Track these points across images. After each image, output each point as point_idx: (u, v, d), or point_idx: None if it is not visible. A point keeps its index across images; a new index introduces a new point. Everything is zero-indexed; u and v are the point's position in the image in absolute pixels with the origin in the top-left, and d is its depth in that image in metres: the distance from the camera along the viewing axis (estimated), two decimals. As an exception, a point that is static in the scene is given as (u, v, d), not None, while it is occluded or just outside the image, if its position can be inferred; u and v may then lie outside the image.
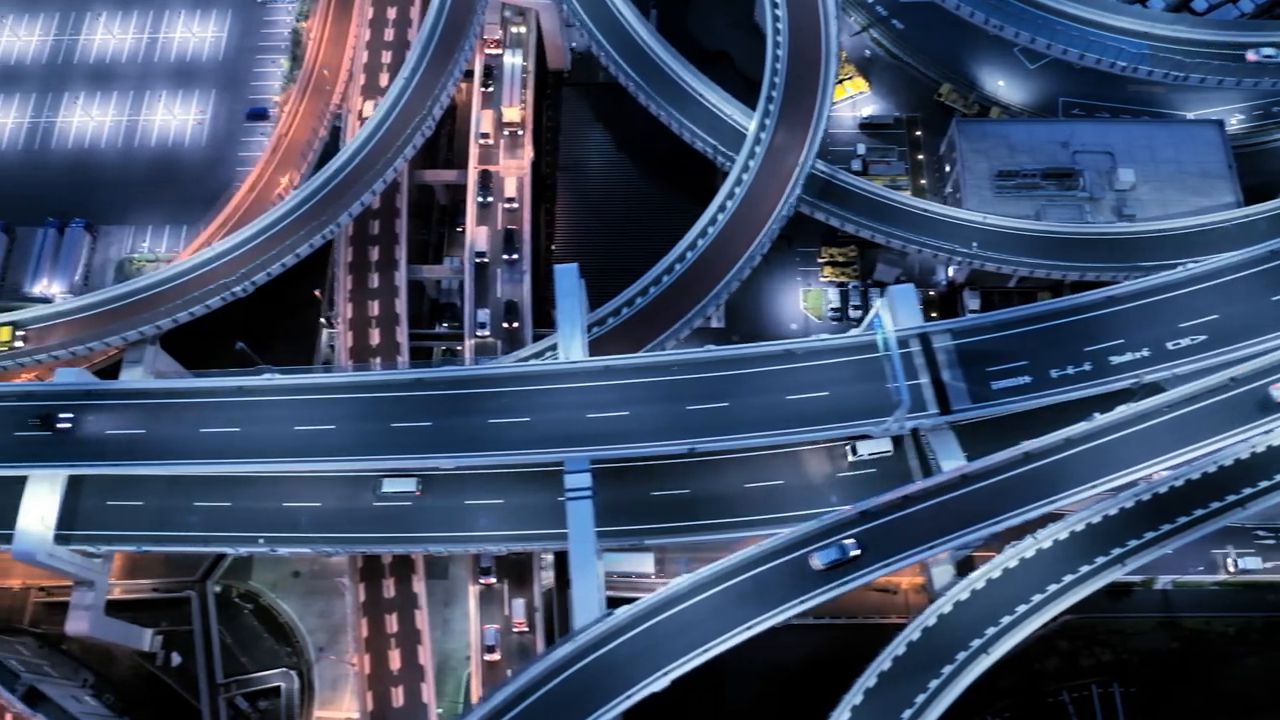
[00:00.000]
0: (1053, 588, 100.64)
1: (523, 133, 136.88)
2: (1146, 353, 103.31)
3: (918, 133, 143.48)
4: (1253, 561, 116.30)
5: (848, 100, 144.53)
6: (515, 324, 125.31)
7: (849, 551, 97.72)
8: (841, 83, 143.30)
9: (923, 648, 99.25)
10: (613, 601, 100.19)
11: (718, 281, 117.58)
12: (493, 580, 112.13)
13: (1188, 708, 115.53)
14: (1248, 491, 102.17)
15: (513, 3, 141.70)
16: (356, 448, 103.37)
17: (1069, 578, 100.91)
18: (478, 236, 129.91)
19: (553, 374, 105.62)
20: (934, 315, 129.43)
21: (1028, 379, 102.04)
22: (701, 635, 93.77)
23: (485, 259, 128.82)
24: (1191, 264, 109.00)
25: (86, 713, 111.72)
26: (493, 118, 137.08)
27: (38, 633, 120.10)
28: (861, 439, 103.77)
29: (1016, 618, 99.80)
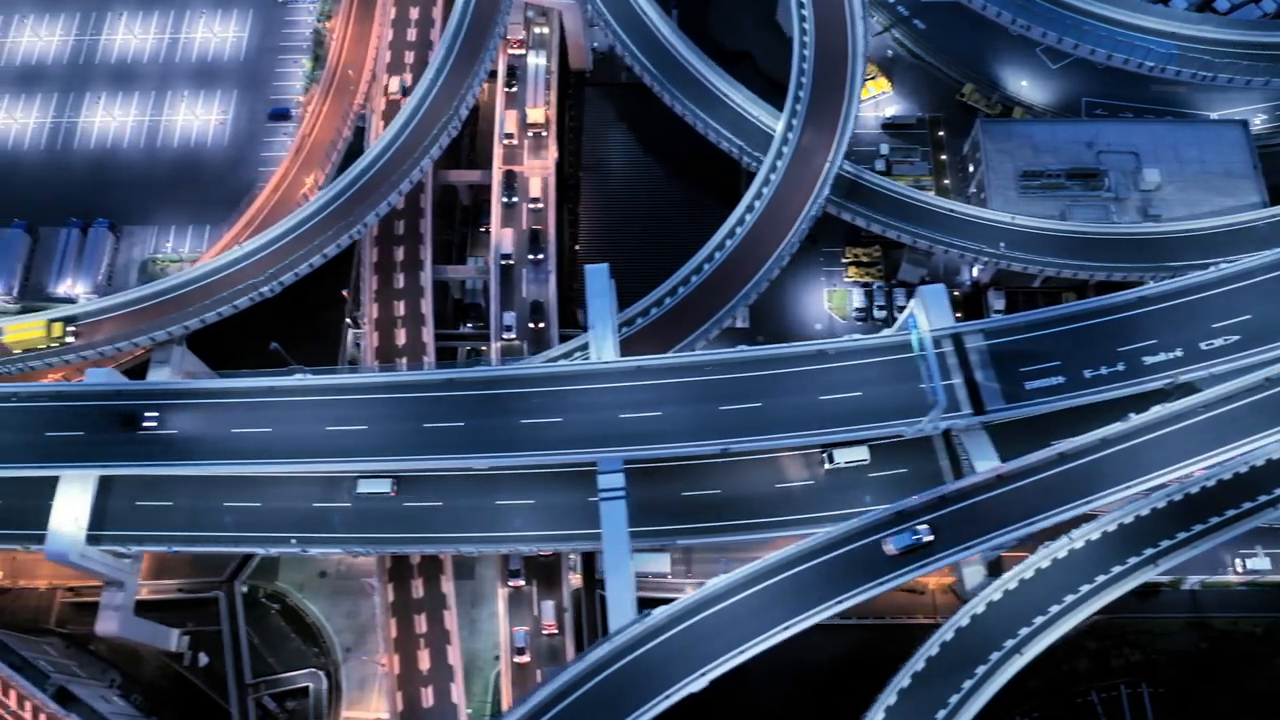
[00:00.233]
0: (1085, 588, 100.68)
1: (546, 133, 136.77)
2: (1180, 353, 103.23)
3: (940, 133, 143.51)
4: (1261, 562, 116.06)
5: (870, 100, 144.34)
6: (541, 324, 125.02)
7: (922, 537, 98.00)
8: (864, 83, 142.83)
9: (956, 648, 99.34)
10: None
11: (746, 281, 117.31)
12: (521, 583, 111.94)
13: (1216, 708, 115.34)
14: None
15: (536, 2, 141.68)
16: (389, 448, 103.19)
17: (1101, 578, 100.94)
18: (503, 238, 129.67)
19: (585, 374, 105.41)
20: (959, 315, 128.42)
21: (1061, 379, 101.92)
22: (740, 635, 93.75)
23: (510, 260, 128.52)
24: (1224, 264, 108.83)
25: (115, 713, 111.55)
26: (516, 118, 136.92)
27: (64, 633, 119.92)
28: (838, 446, 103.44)
29: (1050, 618, 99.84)
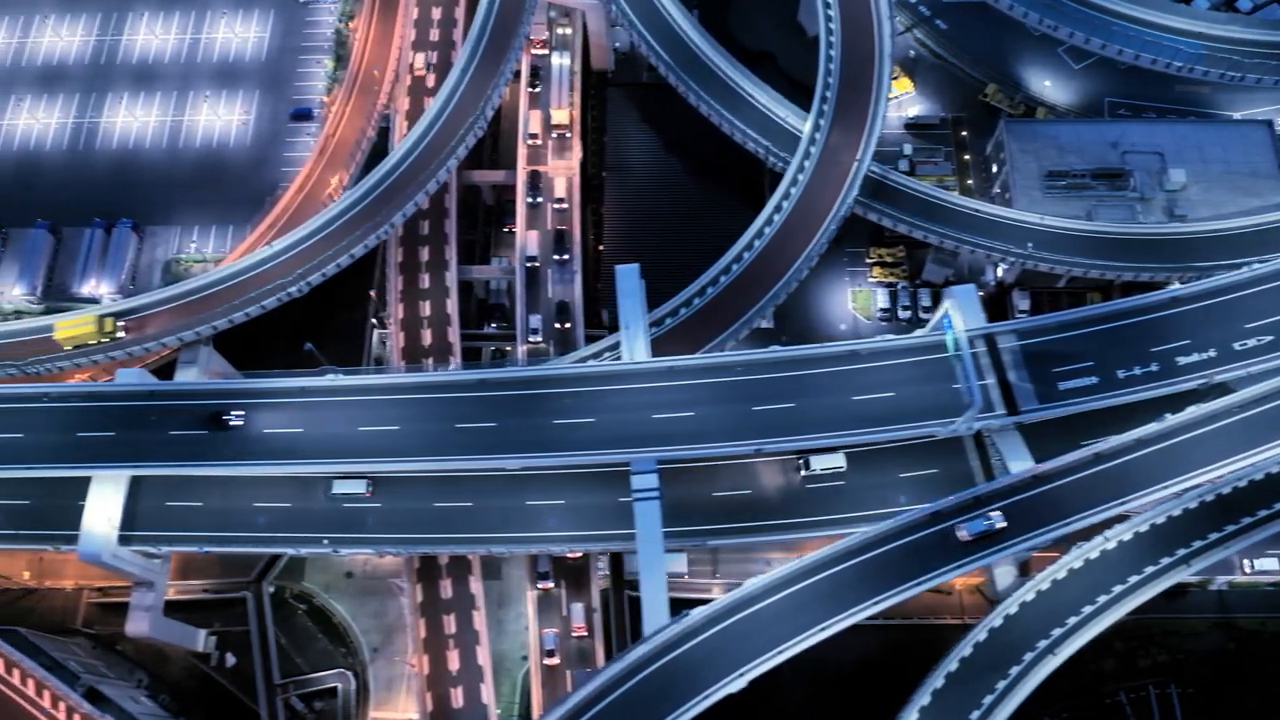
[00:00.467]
0: (1118, 589, 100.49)
1: (571, 134, 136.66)
2: (1213, 353, 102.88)
3: (963, 133, 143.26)
4: (1270, 563, 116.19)
5: (893, 101, 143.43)
6: (567, 325, 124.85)
7: (995, 523, 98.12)
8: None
9: (990, 648, 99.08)
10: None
11: (776, 282, 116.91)
12: (550, 585, 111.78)
13: (1244, 709, 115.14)
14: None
15: (560, 3, 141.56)
16: (422, 448, 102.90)
17: (1134, 578, 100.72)
18: (528, 240, 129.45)
19: (617, 374, 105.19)
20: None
21: (1095, 380, 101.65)
22: (779, 634, 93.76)
23: (536, 263, 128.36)
24: (1256, 264, 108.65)
25: (144, 713, 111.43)
26: (540, 118, 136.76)
27: (91, 633, 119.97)
28: (816, 453, 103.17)
29: (1083, 619, 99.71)
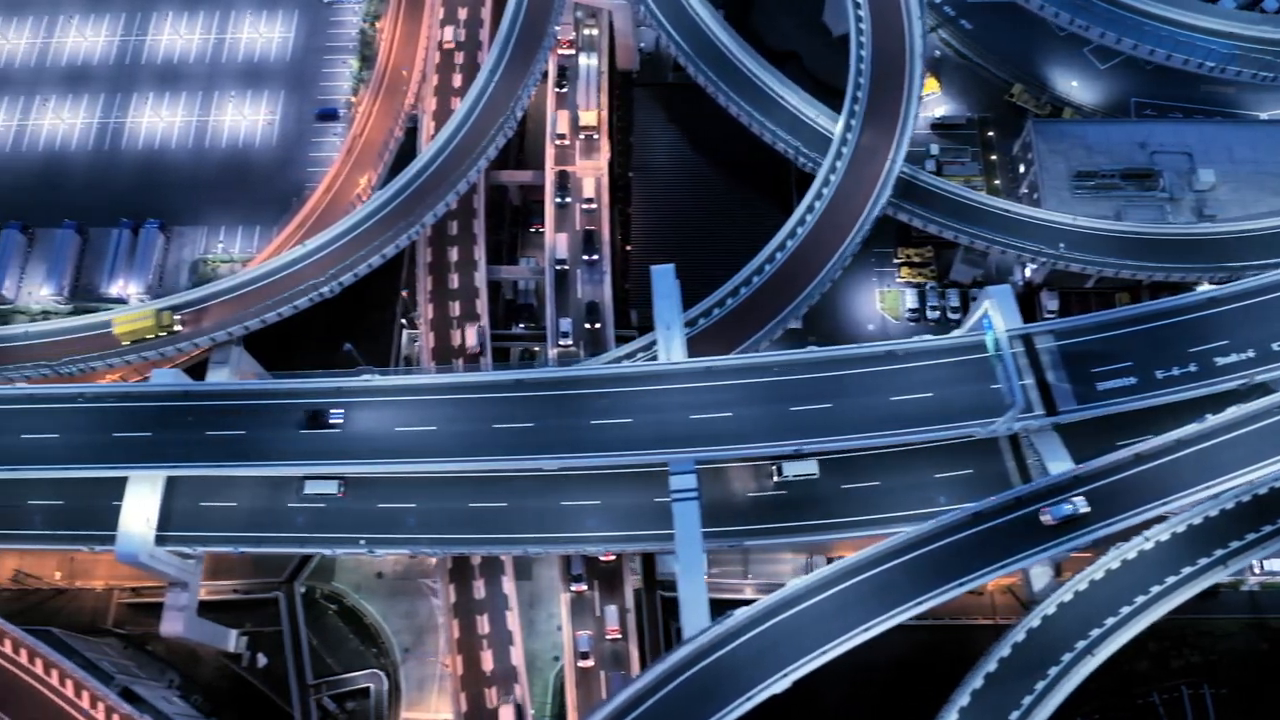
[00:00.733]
0: (1155, 589, 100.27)
1: (599, 134, 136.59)
2: (1251, 353, 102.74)
3: (990, 133, 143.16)
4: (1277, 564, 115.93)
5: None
6: (597, 325, 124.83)
7: (1079, 508, 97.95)
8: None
9: (1028, 648, 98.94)
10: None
11: (809, 282, 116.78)
12: (584, 587, 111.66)
13: (1278, 709, 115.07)
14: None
15: (587, 3, 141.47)
16: (458, 449, 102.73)
17: (1171, 579, 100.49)
18: (557, 242, 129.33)
19: (654, 375, 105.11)
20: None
21: (1133, 380, 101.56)
22: (823, 634, 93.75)
23: (565, 265, 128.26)
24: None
25: (177, 713, 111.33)
26: (568, 119, 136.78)
27: (122, 633, 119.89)
28: (788, 459, 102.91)
29: (1120, 620, 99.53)
